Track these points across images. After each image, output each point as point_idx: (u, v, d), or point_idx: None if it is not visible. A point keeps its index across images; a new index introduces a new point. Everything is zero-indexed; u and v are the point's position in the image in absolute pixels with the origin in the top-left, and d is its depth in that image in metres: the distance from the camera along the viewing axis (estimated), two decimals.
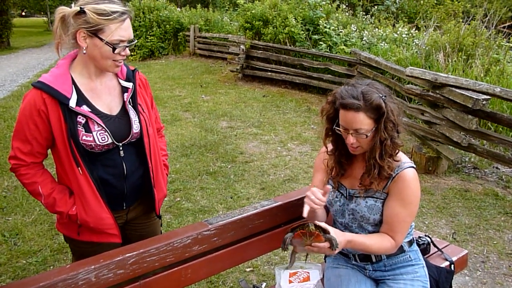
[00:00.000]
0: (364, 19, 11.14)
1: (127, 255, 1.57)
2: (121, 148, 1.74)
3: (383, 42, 8.90)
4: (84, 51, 1.63)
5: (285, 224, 2.02)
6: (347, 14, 11.21)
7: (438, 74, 4.72)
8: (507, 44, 7.51)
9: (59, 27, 1.63)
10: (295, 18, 9.43)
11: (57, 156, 1.71)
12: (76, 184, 1.70)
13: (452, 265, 2.18)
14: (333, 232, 1.59)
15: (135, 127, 1.77)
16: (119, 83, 1.80)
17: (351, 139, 1.67)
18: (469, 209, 4.03)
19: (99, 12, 1.57)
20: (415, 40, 8.73)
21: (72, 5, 1.62)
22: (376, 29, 9.95)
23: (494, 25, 8.35)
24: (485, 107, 4.29)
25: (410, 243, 1.88)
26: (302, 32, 9.42)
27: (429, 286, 1.85)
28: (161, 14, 15.05)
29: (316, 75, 8.63)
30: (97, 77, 1.73)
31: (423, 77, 4.85)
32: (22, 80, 10.91)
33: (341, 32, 9.31)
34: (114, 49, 1.62)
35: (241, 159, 5.28)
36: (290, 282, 2.01)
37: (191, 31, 14.42)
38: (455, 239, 3.51)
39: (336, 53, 8.64)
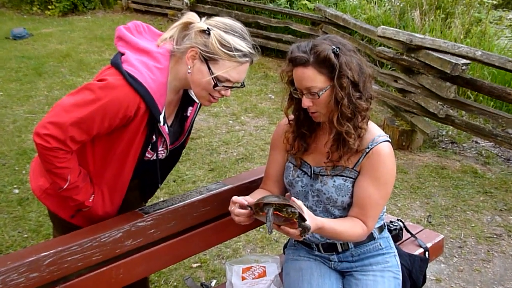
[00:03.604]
0: None
1: (42, 254, 1.52)
2: None
3: None
4: (189, 71, 1.65)
5: None
6: None
7: (414, 35, 4.82)
8: (489, 1, 7.75)
9: (178, 29, 1.69)
10: None
11: (103, 152, 1.72)
12: (112, 182, 1.77)
13: (427, 252, 2.27)
14: (308, 215, 1.54)
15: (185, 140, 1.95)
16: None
17: (305, 101, 1.67)
18: (445, 188, 4.21)
19: (223, 42, 1.59)
20: None
21: (204, 18, 1.67)
22: None
23: None
24: (464, 73, 4.45)
25: (381, 229, 1.92)
26: None
27: (401, 276, 1.91)
28: None
29: (274, 35, 8.59)
30: (178, 91, 1.78)
31: (397, 38, 4.93)
32: None
33: None
34: (216, 85, 1.64)
35: None
36: (243, 278, 2.02)
37: None
38: (430, 222, 3.67)
39: (298, 9, 8.63)
